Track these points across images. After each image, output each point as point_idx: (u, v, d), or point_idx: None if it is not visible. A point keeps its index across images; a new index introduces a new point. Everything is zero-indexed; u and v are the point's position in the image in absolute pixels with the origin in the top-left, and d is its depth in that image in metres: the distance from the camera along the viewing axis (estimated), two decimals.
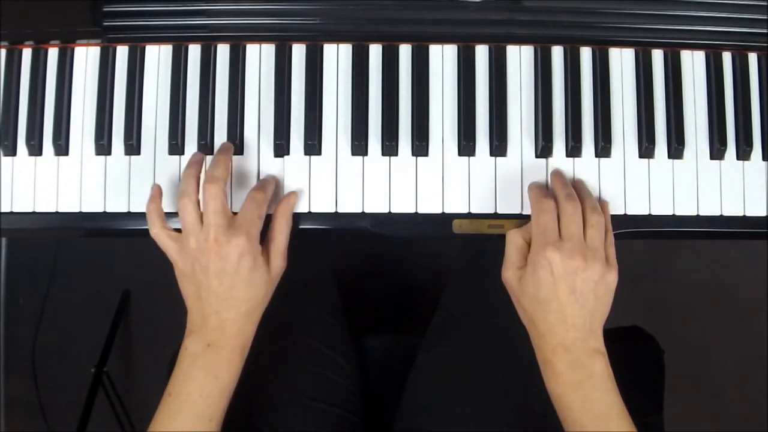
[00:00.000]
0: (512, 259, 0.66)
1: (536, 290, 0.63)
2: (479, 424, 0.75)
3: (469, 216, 0.70)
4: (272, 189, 0.69)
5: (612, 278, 0.64)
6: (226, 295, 0.64)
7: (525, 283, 0.64)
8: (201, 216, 0.64)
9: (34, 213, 0.71)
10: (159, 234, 0.66)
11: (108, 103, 0.71)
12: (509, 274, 0.66)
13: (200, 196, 0.65)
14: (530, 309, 0.64)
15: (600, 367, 0.62)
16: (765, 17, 0.72)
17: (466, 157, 0.71)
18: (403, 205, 0.70)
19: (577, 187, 0.69)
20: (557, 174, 0.70)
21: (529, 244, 0.66)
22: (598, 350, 0.63)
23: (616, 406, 0.62)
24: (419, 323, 0.88)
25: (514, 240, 0.66)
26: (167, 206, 0.69)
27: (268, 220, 0.68)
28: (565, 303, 0.62)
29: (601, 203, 0.70)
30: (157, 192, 0.68)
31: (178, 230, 0.66)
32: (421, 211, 0.70)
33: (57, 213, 0.71)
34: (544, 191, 0.67)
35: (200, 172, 0.68)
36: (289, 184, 0.70)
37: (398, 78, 0.71)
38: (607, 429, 0.61)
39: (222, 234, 0.63)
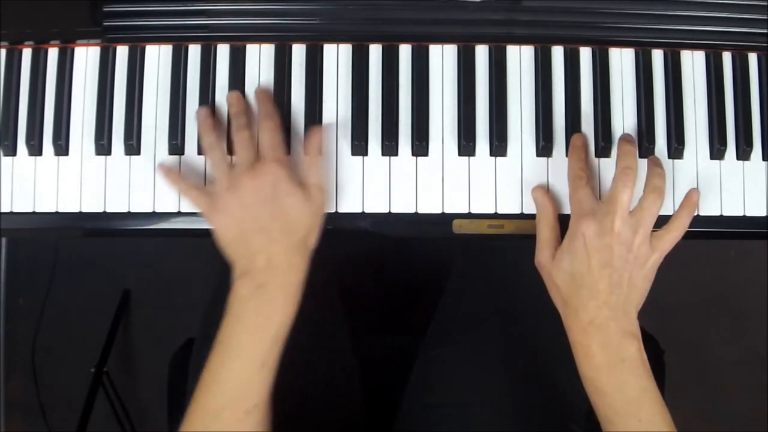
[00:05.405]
0: (545, 238, 0.65)
1: (570, 263, 0.62)
2: (479, 424, 0.75)
3: (469, 216, 0.70)
4: (275, 109, 0.69)
5: (651, 261, 0.62)
6: (268, 227, 0.62)
7: (559, 258, 0.63)
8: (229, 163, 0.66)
9: (34, 213, 0.71)
10: (188, 190, 0.66)
11: (108, 103, 0.71)
12: (542, 255, 0.65)
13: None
14: (563, 285, 0.63)
15: (633, 351, 0.60)
16: (765, 17, 0.72)
17: (466, 157, 0.71)
18: (403, 205, 0.70)
19: (651, 165, 0.67)
20: (627, 140, 0.68)
21: (558, 221, 0.66)
22: (632, 333, 0.61)
23: (650, 391, 0.60)
24: (419, 323, 0.87)
25: (544, 219, 0.66)
26: (174, 204, 0.69)
27: None
28: (597, 277, 0.61)
29: (690, 193, 0.67)
30: (169, 169, 0.69)
31: None
32: (421, 211, 0.70)
33: (57, 213, 0.70)
34: (581, 163, 0.66)
35: (213, 123, 0.68)
36: None
37: (398, 78, 0.71)
38: (640, 415, 0.59)
39: (252, 167, 0.64)
